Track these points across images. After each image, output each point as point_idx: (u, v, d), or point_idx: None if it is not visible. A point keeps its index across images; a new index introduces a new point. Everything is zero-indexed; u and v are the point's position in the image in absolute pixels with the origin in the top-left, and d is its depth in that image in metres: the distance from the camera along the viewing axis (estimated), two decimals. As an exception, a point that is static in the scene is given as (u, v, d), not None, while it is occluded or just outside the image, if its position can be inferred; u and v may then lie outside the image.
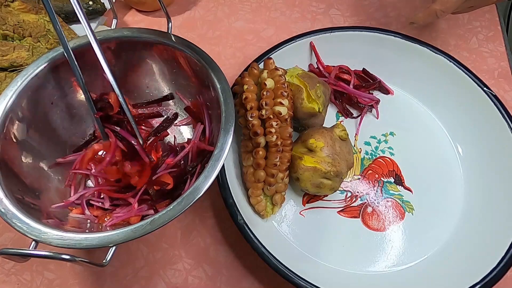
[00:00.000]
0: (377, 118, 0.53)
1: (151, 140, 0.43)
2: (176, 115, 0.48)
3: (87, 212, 0.41)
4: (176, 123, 0.48)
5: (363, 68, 0.54)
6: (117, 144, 0.42)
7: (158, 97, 0.48)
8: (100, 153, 0.44)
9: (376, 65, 0.54)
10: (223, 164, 0.38)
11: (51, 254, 0.29)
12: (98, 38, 0.42)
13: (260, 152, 0.41)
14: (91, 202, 0.42)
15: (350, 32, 0.53)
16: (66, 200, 0.41)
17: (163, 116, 0.48)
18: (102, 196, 0.42)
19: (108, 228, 0.38)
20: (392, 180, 0.49)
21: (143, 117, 0.47)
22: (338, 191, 0.47)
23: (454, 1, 0.43)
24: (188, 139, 0.47)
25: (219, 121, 0.39)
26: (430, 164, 0.49)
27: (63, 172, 0.43)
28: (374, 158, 0.50)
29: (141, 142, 0.42)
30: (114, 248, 0.32)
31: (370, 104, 0.53)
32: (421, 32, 0.62)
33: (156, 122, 0.48)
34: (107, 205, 0.41)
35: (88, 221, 0.40)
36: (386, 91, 0.54)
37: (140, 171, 0.41)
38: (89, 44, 0.42)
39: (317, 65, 0.54)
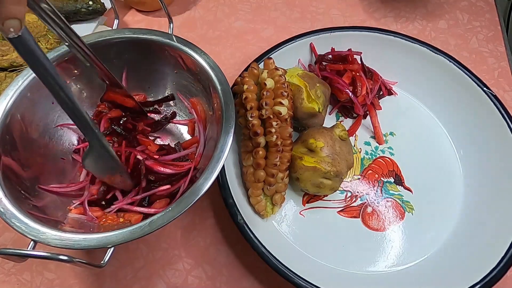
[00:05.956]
0: (374, 125, 0.52)
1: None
2: (174, 114, 0.48)
3: (89, 213, 0.41)
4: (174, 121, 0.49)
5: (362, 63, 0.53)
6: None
7: (159, 97, 0.48)
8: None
9: (376, 65, 0.53)
10: (223, 165, 0.38)
11: (49, 254, 0.28)
12: (99, 38, 0.43)
13: (260, 152, 0.41)
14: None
15: (350, 32, 0.53)
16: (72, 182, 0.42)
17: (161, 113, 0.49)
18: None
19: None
20: (392, 180, 0.49)
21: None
22: (338, 191, 0.47)
23: None
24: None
25: (219, 123, 0.39)
26: (430, 164, 0.49)
27: (63, 171, 0.43)
28: (374, 158, 0.50)
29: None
30: (112, 249, 0.32)
31: (365, 112, 0.52)
32: (421, 32, 0.62)
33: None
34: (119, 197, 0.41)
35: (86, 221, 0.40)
36: (388, 91, 0.54)
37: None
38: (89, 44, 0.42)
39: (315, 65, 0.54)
